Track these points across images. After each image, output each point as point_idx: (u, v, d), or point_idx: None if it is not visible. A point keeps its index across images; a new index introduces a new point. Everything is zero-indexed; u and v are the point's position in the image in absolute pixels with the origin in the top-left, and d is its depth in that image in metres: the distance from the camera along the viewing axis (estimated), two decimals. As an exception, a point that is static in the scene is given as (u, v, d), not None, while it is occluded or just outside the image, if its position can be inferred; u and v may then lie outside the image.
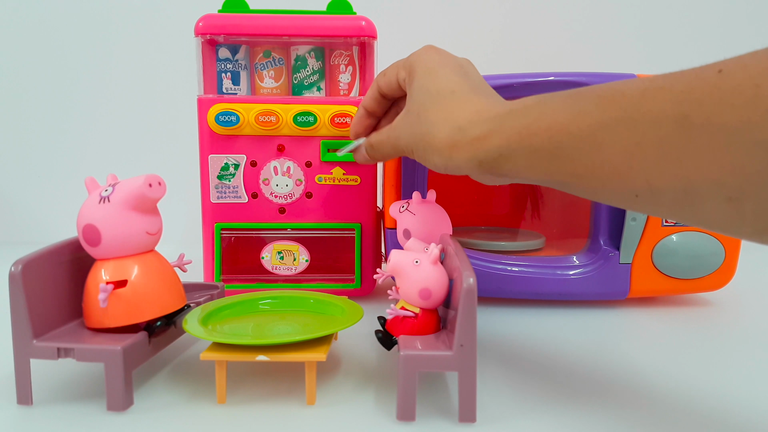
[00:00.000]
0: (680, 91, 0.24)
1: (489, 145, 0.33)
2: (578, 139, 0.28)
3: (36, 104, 0.92)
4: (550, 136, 0.29)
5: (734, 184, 0.23)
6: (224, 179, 0.54)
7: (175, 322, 0.39)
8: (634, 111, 0.26)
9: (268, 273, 0.56)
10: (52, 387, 0.37)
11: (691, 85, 0.24)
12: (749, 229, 0.24)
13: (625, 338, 0.49)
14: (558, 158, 0.29)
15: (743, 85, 0.22)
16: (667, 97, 0.25)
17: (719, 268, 0.55)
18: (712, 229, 0.26)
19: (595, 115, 0.28)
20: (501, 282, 0.55)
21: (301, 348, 0.34)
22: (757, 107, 0.22)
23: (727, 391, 0.38)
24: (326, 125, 0.53)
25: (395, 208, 0.48)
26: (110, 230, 0.35)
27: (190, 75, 0.56)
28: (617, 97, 0.27)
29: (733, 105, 0.22)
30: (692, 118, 0.24)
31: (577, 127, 0.28)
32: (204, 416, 0.34)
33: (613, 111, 0.27)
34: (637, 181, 0.26)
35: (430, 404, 0.35)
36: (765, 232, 0.24)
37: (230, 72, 0.55)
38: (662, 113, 0.25)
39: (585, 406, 0.35)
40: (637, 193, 0.27)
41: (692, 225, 0.28)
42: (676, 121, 0.24)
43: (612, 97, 0.27)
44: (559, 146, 0.29)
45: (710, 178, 0.24)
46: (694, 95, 0.24)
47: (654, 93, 0.25)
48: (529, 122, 0.31)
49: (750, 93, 0.22)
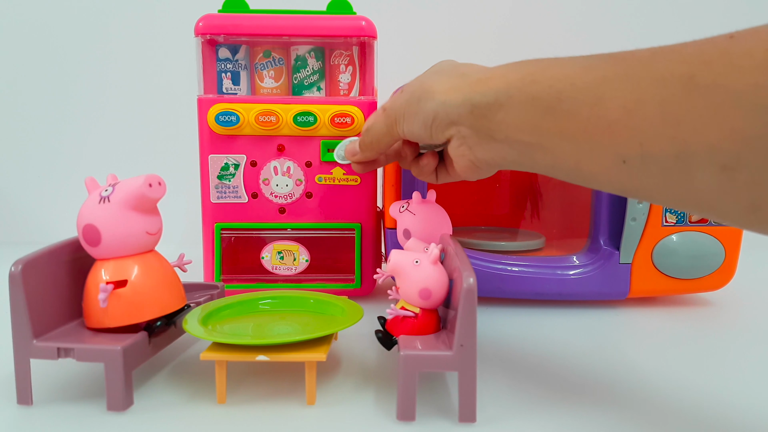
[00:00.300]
0: (690, 54, 0.24)
1: (487, 88, 0.32)
2: (580, 91, 0.27)
3: (36, 104, 0.92)
4: (552, 85, 0.29)
5: (731, 149, 0.22)
6: (224, 179, 0.54)
7: (175, 322, 0.39)
8: (641, 68, 0.25)
9: (268, 273, 0.56)
10: (52, 387, 0.37)
11: (702, 49, 0.24)
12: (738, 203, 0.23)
13: (625, 338, 0.49)
14: (553, 111, 0.29)
15: (754, 49, 0.22)
16: (676, 58, 0.24)
17: (719, 268, 0.55)
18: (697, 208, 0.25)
19: (601, 69, 0.27)
20: (501, 282, 0.55)
21: (301, 348, 0.34)
22: (765, 71, 0.21)
23: (727, 391, 0.38)
24: (326, 125, 0.53)
25: (395, 208, 0.48)
26: (110, 230, 0.35)
27: (190, 75, 0.56)
28: (627, 56, 0.27)
29: (742, 68, 0.22)
30: (698, 79, 0.23)
31: (581, 79, 0.28)
32: (204, 416, 0.34)
33: (620, 67, 0.26)
34: (630, 143, 0.25)
35: (430, 404, 0.35)
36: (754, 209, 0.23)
37: (230, 72, 0.55)
38: (668, 72, 0.24)
39: (585, 406, 0.35)
40: (625, 158, 0.26)
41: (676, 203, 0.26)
42: (681, 81, 0.24)
43: (622, 56, 0.27)
44: (559, 96, 0.28)
45: (707, 143, 0.23)
46: (703, 57, 0.23)
47: (664, 54, 0.25)
48: (534, 71, 0.30)
49: (760, 57, 0.21)
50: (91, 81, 0.92)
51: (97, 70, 0.92)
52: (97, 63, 0.91)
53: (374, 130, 0.42)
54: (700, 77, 0.23)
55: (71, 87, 0.92)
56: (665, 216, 0.53)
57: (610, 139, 0.26)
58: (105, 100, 0.92)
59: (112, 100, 0.92)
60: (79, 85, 0.92)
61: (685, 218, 0.54)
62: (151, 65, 0.91)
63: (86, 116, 0.93)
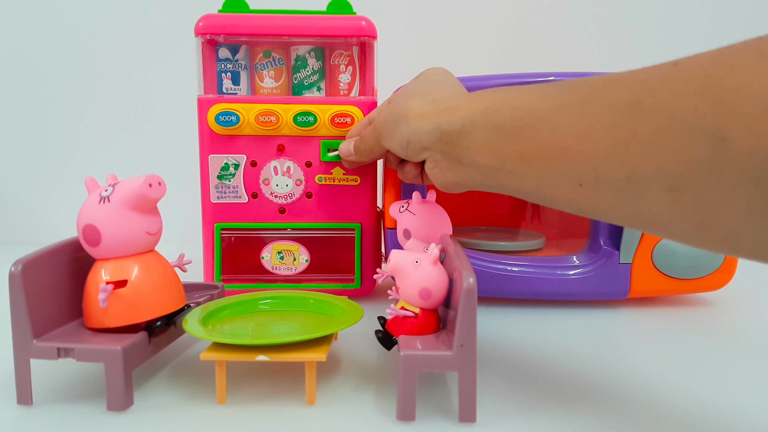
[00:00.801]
0: (637, 80, 0.25)
1: (455, 117, 0.35)
2: (537, 118, 0.29)
3: (36, 104, 0.92)
4: (512, 113, 0.31)
5: (676, 171, 0.23)
6: (224, 179, 0.54)
7: (175, 322, 0.39)
8: (592, 95, 0.27)
9: (268, 273, 0.56)
10: (52, 387, 0.37)
11: (649, 76, 0.25)
12: (687, 222, 0.24)
13: (625, 338, 0.49)
14: (513, 137, 0.31)
15: (694, 75, 0.23)
16: (624, 85, 0.26)
17: (719, 268, 0.55)
18: (650, 227, 0.26)
19: (557, 98, 0.29)
20: (501, 282, 0.55)
21: (301, 348, 0.34)
22: (704, 95, 0.22)
23: (728, 391, 0.38)
24: (326, 125, 0.53)
25: (395, 208, 0.48)
26: (110, 230, 0.35)
27: (190, 75, 0.56)
28: (581, 84, 0.28)
29: (684, 93, 0.23)
30: (643, 105, 0.24)
31: (538, 107, 0.30)
32: (204, 416, 0.34)
33: (574, 95, 0.28)
34: (584, 168, 0.27)
35: (430, 404, 0.35)
36: (702, 227, 0.23)
37: (230, 72, 0.55)
38: (617, 99, 0.25)
39: (585, 406, 0.35)
40: (581, 181, 0.27)
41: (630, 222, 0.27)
42: (628, 107, 0.25)
43: (576, 84, 0.29)
44: (518, 123, 0.30)
45: (654, 165, 0.24)
46: (649, 84, 0.24)
47: (614, 82, 0.27)
48: (497, 100, 0.33)
49: (699, 82, 0.22)
50: (91, 81, 0.92)
51: (97, 70, 0.92)
52: (97, 63, 0.91)
53: (367, 141, 0.46)
54: (646, 103, 0.24)
55: (71, 87, 0.92)
56: (665, 216, 0.53)
57: (566, 163, 0.28)
58: (105, 100, 0.92)
59: (112, 100, 0.92)
60: (79, 84, 0.92)
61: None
62: (151, 65, 0.91)
63: (86, 116, 0.93)
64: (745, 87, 0.21)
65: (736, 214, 0.22)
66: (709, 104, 0.22)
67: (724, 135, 0.21)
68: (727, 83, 0.21)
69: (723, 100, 0.21)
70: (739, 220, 0.22)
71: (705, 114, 0.22)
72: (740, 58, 0.22)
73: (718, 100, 0.21)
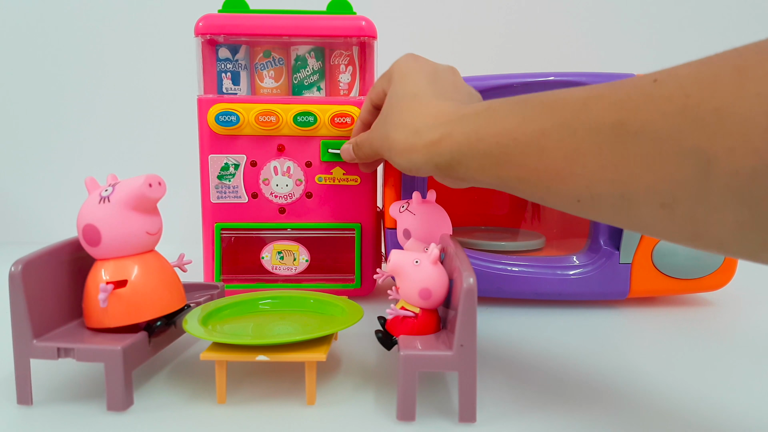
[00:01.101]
0: (618, 100, 0.25)
1: (442, 149, 0.34)
2: (523, 145, 0.29)
3: (36, 104, 0.92)
4: (497, 141, 0.31)
5: (666, 190, 0.23)
6: (224, 179, 0.54)
7: (175, 322, 0.39)
8: (574, 119, 0.27)
9: (268, 273, 0.56)
10: (52, 387, 0.37)
11: (629, 94, 0.25)
12: (682, 234, 0.25)
13: (625, 338, 0.49)
14: (505, 163, 0.31)
15: (674, 94, 0.23)
16: (605, 105, 0.26)
17: (719, 268, 0.55)
18: (649, 234, 0.27)
19: (539, 121, 0.29)
20: (501, 282, 0.55)
21: (301, 348, 0.34)
22: (685, 116, 0.22)
23: (728, 391, 0.38)
24: (326, 125, 0.53)
25: (395, 208, 0.48)
26: (110, 230, 0.35)
27: (190, 75, 0.56)
28: (559, 104, 0.28)
29: (665, 113, 0.23)
30: (627, 126, 0.24)
31: (522, 132, 0.29)
32: (204, 416, 0.34)
33: (555, 118, 0.28)
34: (578, 187, 0.27)
35: (430, 404, 0.35)
36: (696, 237, 0.24)
37: (230, 72, 0.55)
38: (600, 120, 0.25)
39: (585, 406, 0.35)
40: (578, 198, 0.28)
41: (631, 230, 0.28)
42: (612, 129, 0.25)
43: (554, 105, 0.28)
44: (506, 151, 0.30)
45: (644, 185, 0.24)
46: (630, 103, 0.24)
47: (594, 101, 0.26)
48: (478, 128, 0.32)
49: (680, 102, 0.22)
50: (91, 81, 0.92)
51: (97, 69, 0.92)
52: (97, 63, 0.91)
53: (363, 149, 0.47)
54: (630, 124, 0.24)
55: (71, 87, 0.92)
56: (665, 216, 0.53)
57: (560, 184, 0.28)
58: (105, 99, 0.92)
59: (112, 100, 0.92)
60: (79, 84, 0.92)
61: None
62: (151, 65, 0.91)
63: (86, 116, 0.93)
64: (726, 107, 0.21)
65: (726, 228, 0.22)
66: (691, 125, 0.22)
67: (708, 155, 0.22)
68: (707, 104, 0.22)
69: (705, 120, 0.22)
70: (729, 233, 0.22)
71: (688, 135, 0.22)
72: (719, 75, 0.22)
73: (699, 120, 0.22)
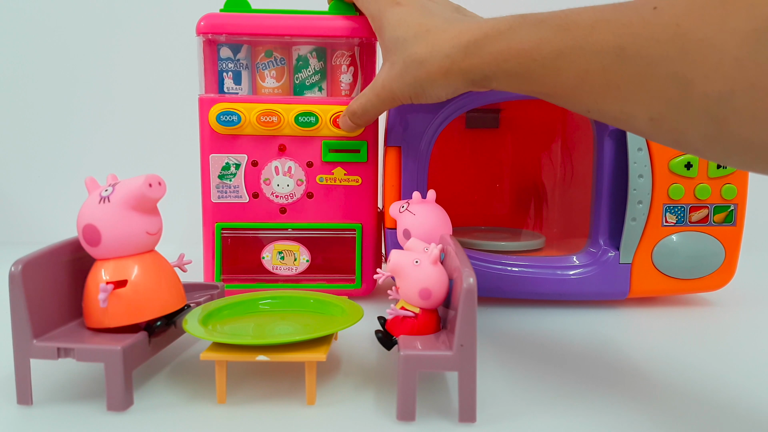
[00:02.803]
0: (621, 24, 0.28)
1: (474, 69, 0.38)
2: (541, 65, 0.33)
3: (36, 104, 0.92)
4: (520, 62, 0.34)
5: (655, 107, 0.28)
6: (225, 179, 0.54)
7: (175, 322, 0.39)
8: (584, 41, 0.30)
9: (269, 273, 0.56)
10: (52, 387, 0.37)
11: (631, 20, 0.28)
12: (667, 141, 0.29)
13: (625, 338, 0.49)
14: (528, 80, 0.34)
15: (668, 23, 0.26)
16: (610, 29, 0.29)
17: (719, 268, 0.55)
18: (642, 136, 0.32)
19: (554, 43, 0.32)
20: (501, 282, 0.55)
21: (301, 348, 0.34)
22: (674, 43, 0.26)
23: (728, 390, 0.38)
24: (327, 125, 0.53)
25: (395, 208, 0.48)
26: (110, 230, 0.35)
27: (192, 74, 0.56)
28: (572, 27, 0.31)
29: (659, 40, 0.26)
30: (627, 51, 0.28)
31: (540, 54, 0.33)
32: (204, 416, 0.34)
33: (569, 40, 0.31)
34: (588, 102, 0.31)
35: (430, 404, 0.35)
36: (678, 144, 0.29)
37: (232, 71, 0.55)
38: (605, 44, 0.29)
39: (585, 406, 0.35)
40: (588, 110, 0.32)
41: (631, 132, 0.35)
42: (614, 52, 0.28)
43: (568, 27, 0.31)
44: (528, 70, 0.34)
45: (638, 103, 0.28)
46: (631, 29, 0.28)
47: (601, 25, 0.29)
48: (502, 48, 0.35)
49: (671, 31, 0.26)
50: (92, 80, 0.92)
51: (98, 69, 0.92)
52: (98, 62, 0.91)
53: (372, 110, 0.49)
54: (629, 48, 0.28)
55: (72, 86, 0.92)
56: (665, 216, 0.53)
57: (574, 99, 0.32)
58: (105, 99, 0.92)
59: (112, 99, 0.92)
60: (80, 84, 0.92)
61: (685, 218, 0.54)
62: (153, 64, 0.91)
63: (86, 116, 0.93)
64: (708, 39, 0.24)
65: (700, 139, 0.27)
66: (677, 52, 0.26)
67: (687, 79, 0.25)
68: (692, 34, 0.25)
69: (688, 49, 0.25)
70: (701, 144, 0.27)
71: (674, 60, 0.26)
72: (707, 8, 0.25)
73: (685, 49, 0.25)
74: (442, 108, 0.53)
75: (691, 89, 0.25)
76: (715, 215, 0.54)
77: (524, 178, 0.75)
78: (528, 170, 0.75)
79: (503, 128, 0.74)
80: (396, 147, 0.54)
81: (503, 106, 0.71)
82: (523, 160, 0.75)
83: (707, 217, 0.54)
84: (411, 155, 0.54)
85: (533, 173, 0.74)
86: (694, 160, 0.52)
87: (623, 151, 0.53)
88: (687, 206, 0.53)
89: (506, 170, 0.76)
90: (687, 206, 0.53)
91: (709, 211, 0.54)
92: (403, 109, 0.53)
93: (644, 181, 0.52)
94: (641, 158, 0.52)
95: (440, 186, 0.53)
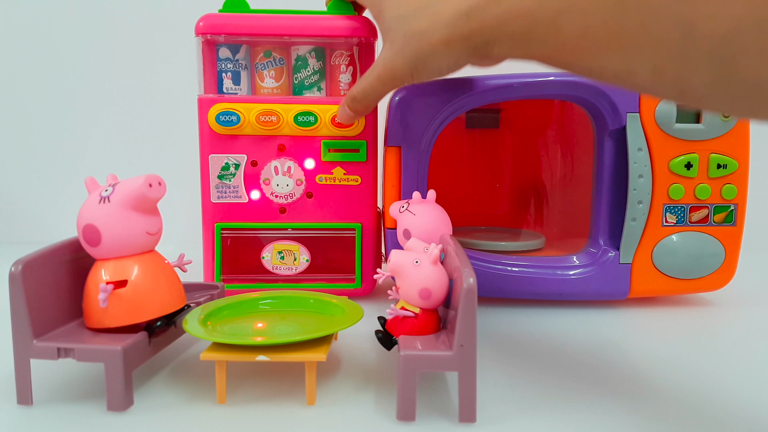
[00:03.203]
0: None
1: (476, 34, 0.37)
2: (542, 24, 0.33)
3: (36, 104, 0.92)
4: (521, 24, 0.34)
5: (658, 56, 0.27)
6: (225, 179, 0.54)
7: (175, 322, 0.39)
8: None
9: (269, 273, 0.56)
10: (52, 387, 0.37)
11: None
12: (670, 92, 0.29)
13: (625, 338, 0.49)
14: (530, 42, 0.34)
15: None
16: None
17: (719, 268, 0.55)
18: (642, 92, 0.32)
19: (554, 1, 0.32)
20: (501, 282, 0.55)
21: (301, 348, 0.34)
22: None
23: (728, 391, 0.38)
24: (327, 125, 0.53)
25: (395, 208, 0.48)
26: (110, 230, 0.35)
27: (191, 75, 0.56)
28: None
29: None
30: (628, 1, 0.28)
31: (539, 13, 0.33)
32: (204, 416, 0.34)
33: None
34: (589, 60, 0.31)
35: (430, 404, 0.35)
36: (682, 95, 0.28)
37: (231, 72, 0.55)
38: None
39: (585, 406, 0.35)
40: (590, 68, 0.32)
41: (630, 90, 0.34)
42: (615, 4, 0.28)
43: None
44: (529, 32, 0.34)
45: (640, 53, 0.28)
46: None
47: None
48: (503, 10, 0.35)
49: None
50: (92, 81, 0.92)
51: (98, 69, 0.92)
52: (97, 63, 0.91)
53: (372, 94, 0.48)
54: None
55: (71, 86, 0.92)
56: (665, 216, 0.53)
57: (575, 57, 0.32)
58: (105, 99, 0.92)
59: (112, 99, 0.92)
60: (80, 84, 0.92)
61: (685, 218, 0.54)
62: (152, 65, 0.91)
63: (86, 116, 0.93)
64: None
65: (704, 86, 0.26)
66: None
67: (690, 21, 0.25)
68: None
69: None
70: (706, 90, 0.26)
71: (677, 4, 0.25)
72: None
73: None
74: (442, 108, 0.53)
75: (695, 32, 0.25)
76: (715, 215, 0.54)
77: (524, 178, 0.75)
78: (528, 170, 0.75)
79: (503, 128, 0.74)
80: (396, 147, 0.54)
81: (503, 106, 0.71)
82: (523, 160, 0.75)
83: (707, 217, 0.54)
84: (411, 155, 0.54)
85: (533, 173, 0.74)
86: (695, 160, 0.52)
87: (623, 151, 0.53)
88: (687, 206, 0.53)
89: (506, 170, 0.76)
90: (687, 206, 0.53)
91: (709, 211, 0.54)
92: (403, 109, 0.53)
93: (644, 181, 0.52)
94: (641, 158, 0.52)
95: (440, 186, 0.53)
